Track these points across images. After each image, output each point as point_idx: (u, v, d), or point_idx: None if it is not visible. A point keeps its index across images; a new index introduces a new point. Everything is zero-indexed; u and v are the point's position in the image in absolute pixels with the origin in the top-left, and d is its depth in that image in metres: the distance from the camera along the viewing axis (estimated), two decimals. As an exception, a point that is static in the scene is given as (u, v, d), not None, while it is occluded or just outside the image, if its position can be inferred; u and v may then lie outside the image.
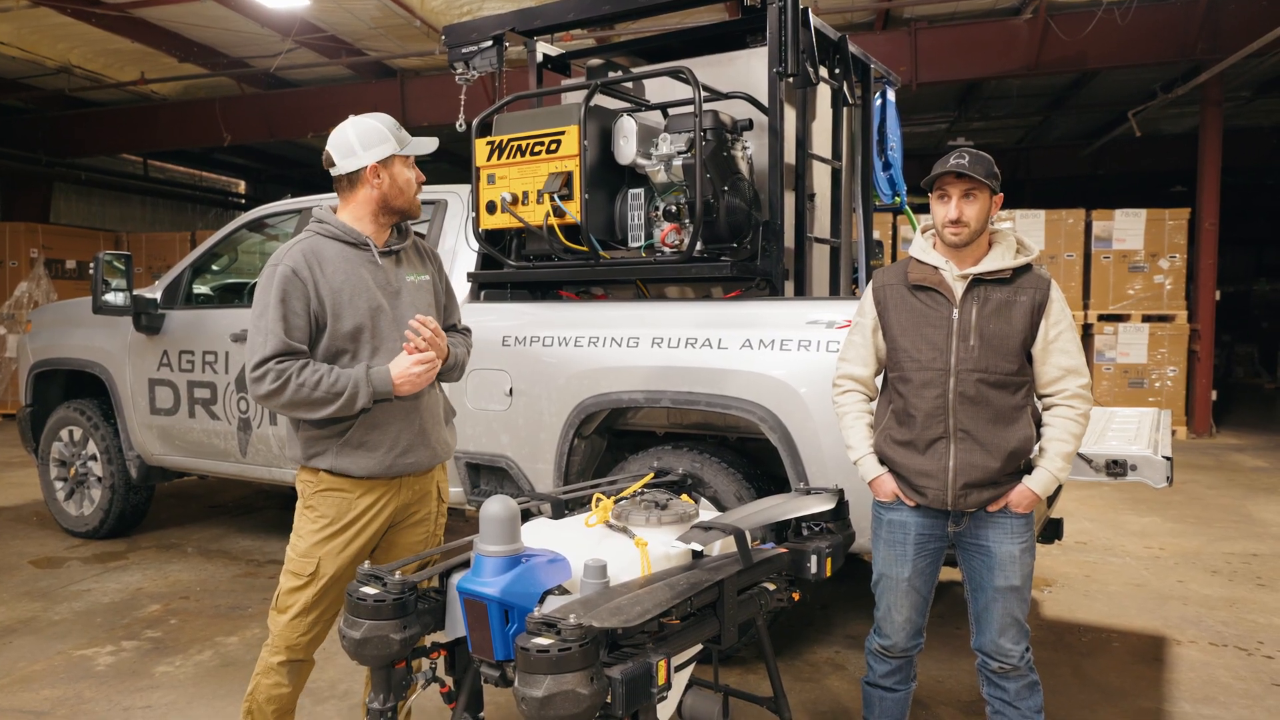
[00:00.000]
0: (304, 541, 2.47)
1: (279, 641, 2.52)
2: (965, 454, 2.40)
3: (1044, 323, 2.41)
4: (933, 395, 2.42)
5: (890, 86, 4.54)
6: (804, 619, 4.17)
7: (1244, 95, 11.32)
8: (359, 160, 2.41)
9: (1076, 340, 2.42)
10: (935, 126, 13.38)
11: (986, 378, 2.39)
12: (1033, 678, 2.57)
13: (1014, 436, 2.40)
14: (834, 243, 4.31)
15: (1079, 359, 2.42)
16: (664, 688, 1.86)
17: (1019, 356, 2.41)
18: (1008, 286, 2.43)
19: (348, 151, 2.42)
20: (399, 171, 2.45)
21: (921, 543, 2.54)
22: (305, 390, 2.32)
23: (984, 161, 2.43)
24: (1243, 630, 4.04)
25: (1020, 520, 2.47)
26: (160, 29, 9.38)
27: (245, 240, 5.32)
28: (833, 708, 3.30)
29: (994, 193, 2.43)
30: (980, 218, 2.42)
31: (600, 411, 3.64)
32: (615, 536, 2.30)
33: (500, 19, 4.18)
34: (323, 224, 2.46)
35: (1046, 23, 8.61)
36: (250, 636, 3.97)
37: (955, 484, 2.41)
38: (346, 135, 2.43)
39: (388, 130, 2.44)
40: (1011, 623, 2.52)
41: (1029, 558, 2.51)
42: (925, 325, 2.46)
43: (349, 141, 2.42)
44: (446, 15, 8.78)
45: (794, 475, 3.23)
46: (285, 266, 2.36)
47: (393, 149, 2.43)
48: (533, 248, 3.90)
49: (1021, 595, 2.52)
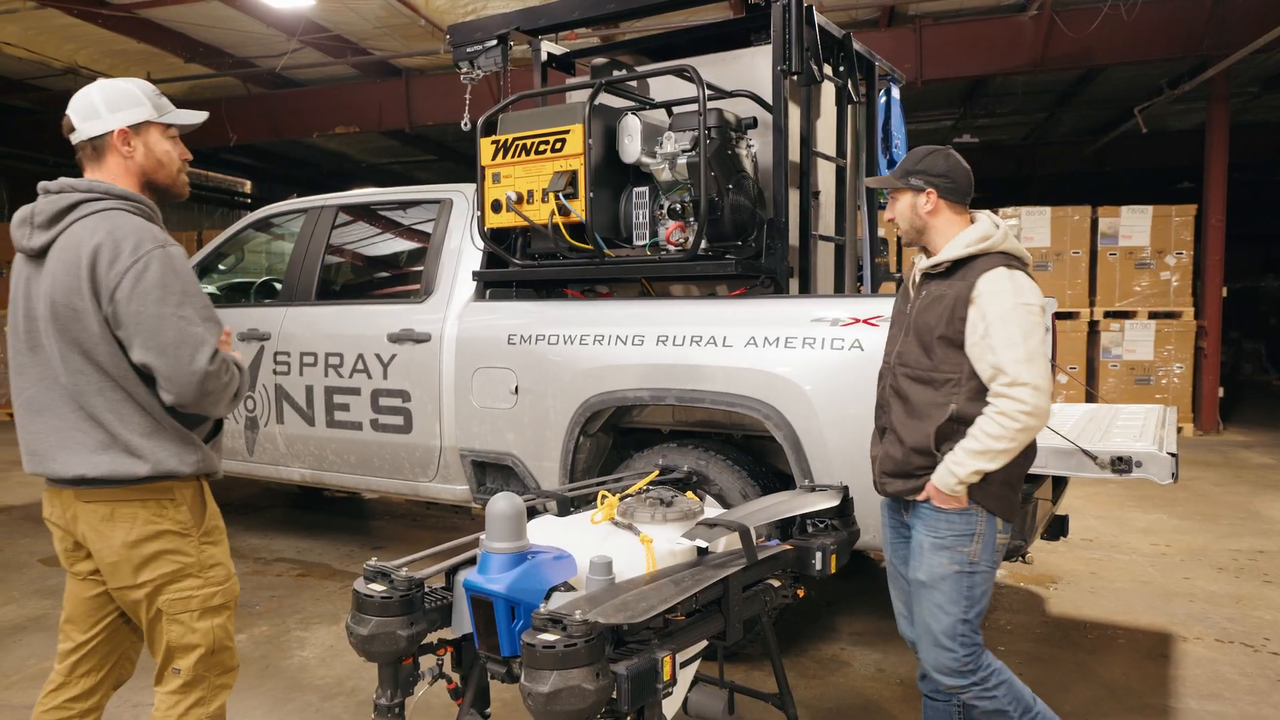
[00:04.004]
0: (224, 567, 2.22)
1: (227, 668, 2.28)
2: (888, 444, 2.48)
3: (971, 316, 2.33)
4: (881, 387, 2.57)
5: (895, 84, 4.54)
6: (809, 616, 4.18)
7: (1251, 91, 11.27)
8: (104, 123, 2.09)
9: (1013, 335, 2.25)
10: (941, 124, 13.35)
11: (909, 372, 2.43)
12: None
13: (919, 432, 2.38)
14: (839, 240, 4.31)
15: (1009, 354, 2.25)
16: (669, 684, 1.87)
17: (938, 352, 2.36)
18: (944, 280, 2.42)
19: (90, 113, 2.09)
20: (156, 141, 2.15)
21: (894, 528, 2.62)
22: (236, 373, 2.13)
23: (903, 162, 2.50)
24: (1249, 626, 4.03)
25: (938, 515, 2.39)
26: (166, 29, 9.40)
27: (252, 240, 5.34)
28: (838, 705, 3.31)
29: (917, 189, 2.44)
30: (906, 214, 2.48)
31: (605, 409, 3.65)
32: (621, 533, 2.31)
33: (505, 18, 4.19)
34: (127, 200, 2.09)
35: (1052, 19, 8.58)
36: (258, 634, 3.99)
37: (877, 471, 2.54)
38: (90, 96, 2.10)
39: (143, 94, 2.14)
40: (926, 633, 2.44)
41: (941, 558, 2.40)
42: (894, 320, 2.61)
43: (92, 103, 2.09)
44: (451, 14, 8.80)
45: (799, 472, 3.24)
46: (175, 247, 2.07)
47: (147, 114, 2.13)
48: (538, 246, 3.91)
49: (935, 600, 2.42)
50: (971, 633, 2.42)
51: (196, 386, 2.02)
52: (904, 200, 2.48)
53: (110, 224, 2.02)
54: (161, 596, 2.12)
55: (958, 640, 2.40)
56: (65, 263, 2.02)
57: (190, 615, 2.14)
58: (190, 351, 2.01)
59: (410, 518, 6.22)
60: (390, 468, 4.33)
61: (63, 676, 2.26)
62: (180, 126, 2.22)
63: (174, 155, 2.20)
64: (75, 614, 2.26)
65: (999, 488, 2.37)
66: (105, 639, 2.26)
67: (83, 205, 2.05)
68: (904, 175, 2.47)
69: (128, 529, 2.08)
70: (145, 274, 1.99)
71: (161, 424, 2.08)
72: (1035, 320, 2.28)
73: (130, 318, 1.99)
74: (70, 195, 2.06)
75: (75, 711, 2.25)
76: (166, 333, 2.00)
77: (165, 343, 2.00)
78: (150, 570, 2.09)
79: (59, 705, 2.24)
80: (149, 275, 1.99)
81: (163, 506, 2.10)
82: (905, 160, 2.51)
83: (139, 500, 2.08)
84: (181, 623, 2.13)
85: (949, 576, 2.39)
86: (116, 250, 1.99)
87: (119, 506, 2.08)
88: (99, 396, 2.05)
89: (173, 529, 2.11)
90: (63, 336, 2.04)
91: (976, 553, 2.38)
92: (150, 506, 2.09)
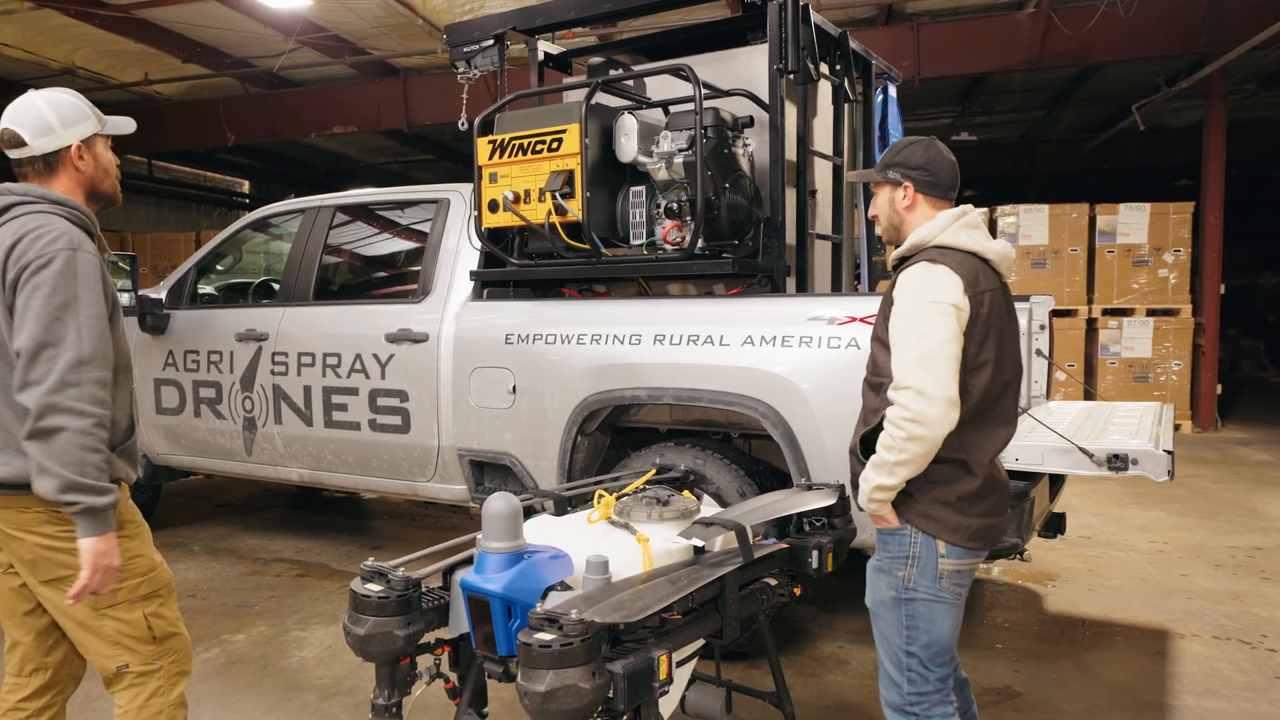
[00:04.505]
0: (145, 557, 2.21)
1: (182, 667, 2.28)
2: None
3: (891, 316, 2.17)
4: None
5: (891, 82, 4.54)
6: (807, 615, 4.18)
7: (1249, 88, 11.28)
8: (60, 139, 2.12)
9: (908, 334, 2.10)
10: (939, 121, 13.35)
11: (867, 376, 2.30)
12: None
13: (853, 439, 2.27)
14: (835, 239, 4.32)
15: (899, 355, 2.09)
16: (665, 682, 1.88)
17: (879, 354, 2.22)
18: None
19: (44, 129, 2.11)
20: (102, 152, 2.21)
21: None
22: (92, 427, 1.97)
23: (884, 155, 2.35)
24: (1246, 624, 4.04)
25: (880, 535, 2.24)
26: (164, 30, 9.40)
27: (249, 240, 5.34)
28: (835, 703, 3.31)
29: (894, 183, 2.29)
30: (885, 210, 2.33)
31: (603, 408, 3.65)
32: (617, 533, 2.32)
33: (502, 18, 4.19)
34: (64, 206, 2.11)
35: (1049, 16, 8.58)
36: (256, 634, 3.99)
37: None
38: (39, 110, 2.12)
39: (85, 106, 2.19)
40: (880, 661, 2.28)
41: (879, 582, 2.24)
42: None
43: (44, 118, 2.11)
44: (448, 14, 8.79)
45: (796, 471, 3.24)
46: (87, 254, 2.04)
47: (94, 127, 2.19)
48: (535, 246, 3.91)
49: (879, 627, 2.26)
50: (921, 669, 2.20)
51: (38, 392, 1.93)
52: (883, 195, 2.34)
53: (36, 223, 2.05)
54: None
55: (904, 673, 2.21)
56: None
57: (118, 608, 2.13)
58: (51, 354, 1.95)
59: (408, 517, 6.23)
60: (388, 467, 4.33)
61: (13, 677, 2.26)
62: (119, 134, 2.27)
63: (114, 163, 2.26)
64: (7, 611, 2.25)
65: (931, 505, 2.16)
66: (41, 635, 2.24)
67: (16, 208, 2.08)
68: (882, 168, 2.33)
69: (37, 527, 2.07)
70: (44, 269, 1.98)
71: None
72: (938, 319, 2.07)
73: (18, 308, 2.00)
74: (5, 198, 2.10)
75: (29, 711, 2.23)
76: (37, 328, 1.96)
77: (32, 339, 1.95)
78: (65, 568, 2.07)
79: (13, 707, 2.24)
80: (47, 270, 1.98)
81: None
82: (886, 152, 2.36)
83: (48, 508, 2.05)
84: (110, 616, 2.13)
85: (886, 602, 2.23)
86: (30, 244, 2.01)
87: (27, 508, 2.06)
88: (3, 393, 2.05)
89: None
90: None
91: (911, 578, 2.18)
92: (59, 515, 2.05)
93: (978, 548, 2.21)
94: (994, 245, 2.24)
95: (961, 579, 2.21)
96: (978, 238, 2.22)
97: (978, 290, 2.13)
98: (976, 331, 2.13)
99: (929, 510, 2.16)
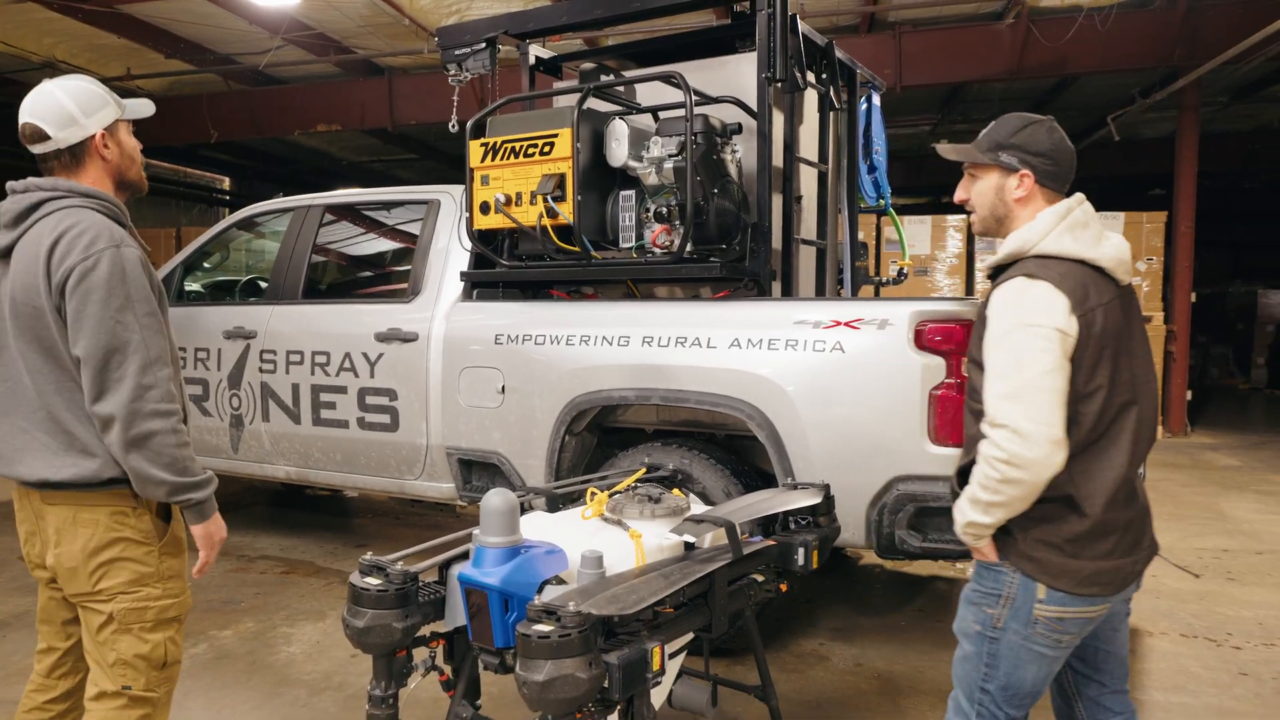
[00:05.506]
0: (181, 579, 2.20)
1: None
2: None
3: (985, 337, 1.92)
4: None
5: (875, 91, 4.63)
6: (790, 612, 4.26)
7: (1221, 100, 11.50)
8: (84, 129, 2.07)
9: (1002, 363, 1.85)
10: (919, 128, 13.51)
11: (967, 400, 2.05)
12: None
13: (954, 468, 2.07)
14: (820, 244, 4.40)
15: (992, 387, 1.86)
16: (658, 673, 1.94)
17: (975, 377, 1.99)
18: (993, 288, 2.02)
19: (66, 120, 2.05)
20: (126, 139, 2.17)
21: None
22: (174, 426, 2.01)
23: (992, 131, 2.05)
24: (1212, 622, 4.16)
25: (978, 566, 2.05)
26: (147, 25, 9.35)
27: (237, 238, 5.35)
28: (817, 698, 3.39)
29: (1009, 168, 2.00)
30: (988, 198, 2.04)
31: (591, 409, 3.71)
32: (610, 529, 2.38)
33: (493, 21, 4.24)
34: (95, 199, 2.07)
35: (1028, 27, 8.74)
36: (244, 630, 4.02)
37: None
38: (58, 101, 2.05)
39: (105, 93, 2.12)
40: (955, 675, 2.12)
41: (968, 613, 2.06)
42: None
43: (65, 109, 2.05)
44: (435, 14, 8.81)
45: (780, 471, 3.31)
46: (131, 249, 2.02)
47: (116, 113, 2.13)
48: (525, 248, 3.96)
49: (959, 653, 2.09)
50: (993, 707, 2.02)
51: (119, 400, 1.95)
52: (988, 180, 2.03)
53: (71, 219, 2.00)
54: (116, 605, 2.06)
55: (974, 706, 2.05)
56: (26, 260, 2.01)
57: (143, 627, 2.08)
58: (120, 359, 1.96)
59: (393, 515, 6.25)
60: (376, 465, 4.37)
61: (41, 678, 2.25)
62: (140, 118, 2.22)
63: (137, 148, 2.21)
64: (47, 618, 2.24)
65: (1033, 546, 1.93)
66: (79, 644, 2.21)
67: (47, 204, 2.04)
68: (994, 148, 2.01)
69: (89, 535, 2.04)
70: (93, 272, 1.95)
71: None
72: (1038, 346, 1.81)
73: (73, 314, 1.97)
74: (35, 194, 2.05)
75: (55, 713, 2.24)
76: (101, 336, 1.95)
77: (97, 346, 1.95)
78: (107, 579, 2.05)
79: (39, 706, 2.24)
80: (96, 274, 1.95)
81: (124, 514, 2.07)
82: (995, 130, 2.03)
83: (102, 506, 2.05)
84: (134, 634, 2.08)
85: (971, 635, 2.05)
86: (71, 245, 1.97)
87: (81, 511, 2.04)
88: (58, 396, 2.02)
89: (133, 537, 2.07)
90: (24, 335, 2.03)
91: (1001, 618, 1.97)
92: (113, 512, 2.05)
93: (1093, 594, 1.94)
94: (1107, 249, 1.96)
95: (1065, 628, 1.96)
96: (1086, 241, 1.94)
97: (1087, 308, 1.86)
98: (1088, 355, 1.86)
99: (1031, 551, 1.93)
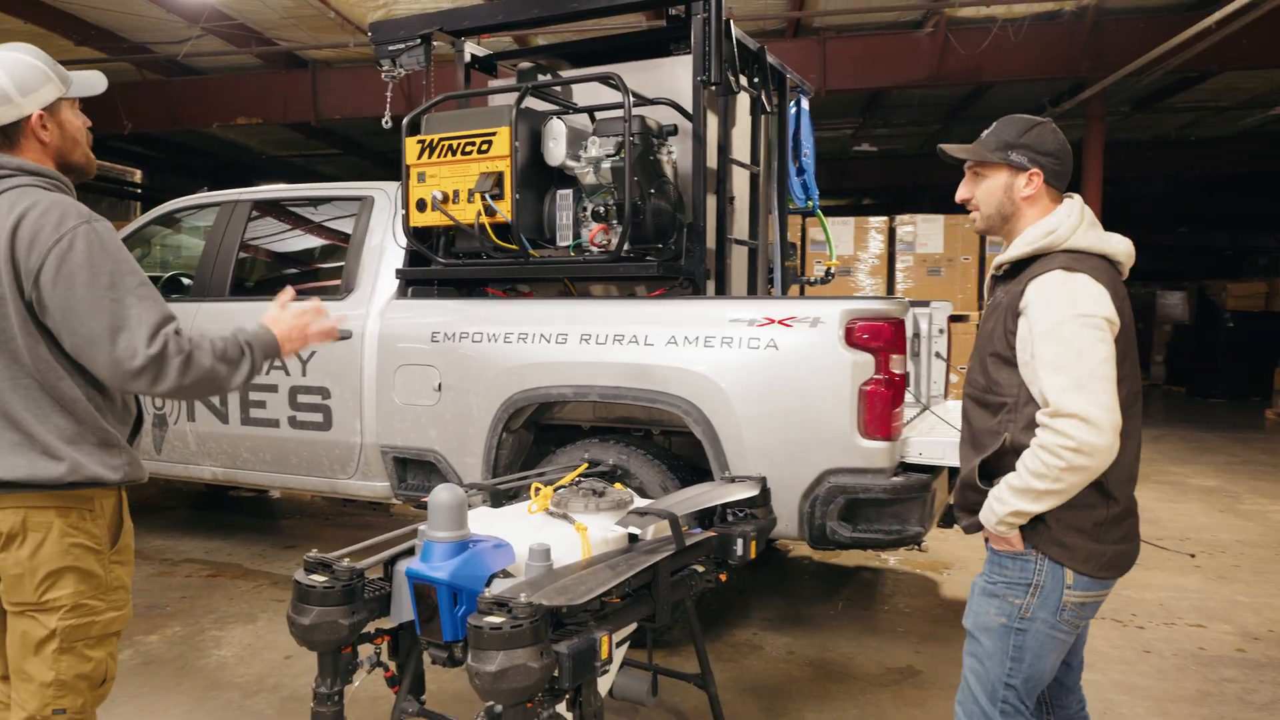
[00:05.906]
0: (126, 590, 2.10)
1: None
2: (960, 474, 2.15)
3: (1020, 330, 1.96)
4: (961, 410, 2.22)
5: (804, 95, 4.77)
6: (724, 603, 4.36)
7: (1123, 110, 12.11)
8: (19, 109, 1.91)
9: (1060, 355, 1.87)
10: (841, 132, 13.85)
11: (970, 391, 2.11)
12: None
13: (969, 462, 2.08)
14: (751, 244, 4.50)
15: (1052, 380, 1.87)
16: (605, 662, 1.99)
17: (991, 370, 2.03)
18: (1006, 283, 2.07)
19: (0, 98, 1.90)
20: (69, 119, 2.01)
21: None
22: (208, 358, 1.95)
23: (998, 131, 2.08)
24: (1118, 605, 4.40)
25: (995, 557, 2.07)
26: (55, 10, 8.97)
27: (159, 234, 5.20)
28: (753, 685, 3.48)
29: (1018, 167, 2.04)
30: (995, 196, 2.07)
31: (529, 406, 3.73)
32: (556, 523, 2.41)
33: (429, 18, 4.22)
34: (42, 177, 1.94)
35: (946, 36, 9.08)
36: (170, 634, 3.92)
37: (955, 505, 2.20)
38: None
39: (46, 67, 1.96)
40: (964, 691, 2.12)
41: (989, 606, 2.06)
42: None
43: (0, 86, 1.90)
44: (360, 8, 8.68)
45: (717, 466, 3.39)
46: (100, 221, 1.91)
47: (57, 91, 1.97)
48: (462, 245, 3.96)
49: (976, 652, 2.08)
50: (1018, 702, 2.03)
51: (137, 375, 1.85)
52: (996, 179, 2.06)
53: (29, 199, 1.86)
54: (61, 622, 1.92)
55: (996, 705, 2.04)
56: None
57: (87, 643, 1.96)
58: (127, 337, 1.84)
59: (322, 516, 6.15)
60: (308, 465, 4.31)
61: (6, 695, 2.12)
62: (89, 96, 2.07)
63: (83, 129, 2.05)
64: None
65: (1066, 532, 1.96)
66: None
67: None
68: (1003, 148, 2.04)
69: (38, 539, 1.90)
70: (70, 254, 1.82)
71: (85, 424, 1.94)
72: (1095, 336, 1.86)
73: (57, 305, 1.83)
74: None
75: None
76: (99, 318, 1.83)
77: (98, 330, 1.83)
78: (55, 589, 1.92)
79: None
80: (74, 255, 1.82)
81: (81, 517, 1.95)
82: (1001, 130, 2.06)
83: (55, 508, 1.92)
84: (76, 652, 1.94)
85: (993, 629, 2.04)
86: (38, 226, 1.82)
87: (32, 514, 1.90)
88: (14, 393, 1.89)
89: (86, 543, 1.96)
90: None
91: (1029, 607, 1.99)
92: (68, 516, 1.93)
93: (1108, 577, 2.01)
94: (1119, 244, 2.03)
95: (1085, 612, 2.02)
96: (1104, 236, 2.02)
97: (1119, 300, 1.94)
98: (1119, 346, 1.93)
99: (1062, 537, 1.96)
